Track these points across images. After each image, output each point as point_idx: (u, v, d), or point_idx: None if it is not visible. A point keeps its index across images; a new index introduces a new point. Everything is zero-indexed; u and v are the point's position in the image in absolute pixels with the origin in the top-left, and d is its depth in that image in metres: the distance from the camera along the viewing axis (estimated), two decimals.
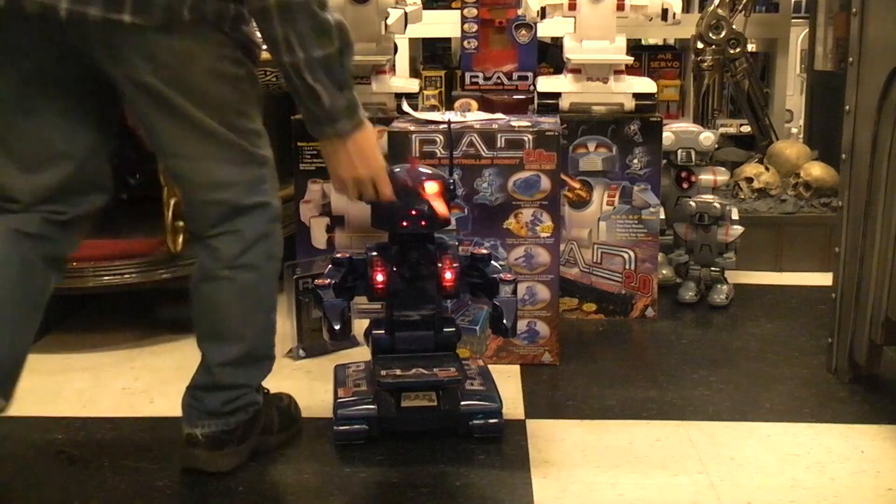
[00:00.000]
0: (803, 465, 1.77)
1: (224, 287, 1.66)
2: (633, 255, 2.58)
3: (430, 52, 4.21)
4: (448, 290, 1.83)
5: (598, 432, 1.91)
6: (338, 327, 1.80)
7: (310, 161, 2.55)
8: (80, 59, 1.54)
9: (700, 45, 3.34)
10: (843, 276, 2.11)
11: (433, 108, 3.44)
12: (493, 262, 1.87)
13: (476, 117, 2.33)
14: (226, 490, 1.68)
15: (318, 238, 2.60)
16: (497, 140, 2.18)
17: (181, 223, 2.28)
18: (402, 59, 3.57)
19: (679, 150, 2.77)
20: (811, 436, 1.89)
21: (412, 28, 2.84)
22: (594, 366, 2.27)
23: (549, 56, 3.65)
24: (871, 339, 2.04)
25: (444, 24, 3.56)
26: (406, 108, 2.53)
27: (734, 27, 3.33)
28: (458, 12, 2.88)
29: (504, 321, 1.82)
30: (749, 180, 3.17)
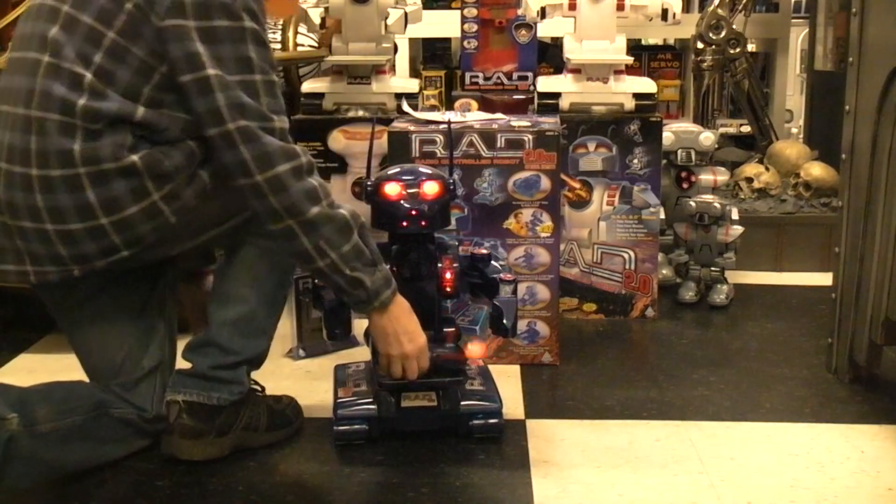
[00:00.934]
0: (803, 465, 1.77)
1: (246, 249, 1.73)
2: (633, 255, 2.58)
3: (430, 52, 4.21)
4: (448, 290, 1.83)
5: (598, 432, 1.91)
6: (338, 328, 1.81)
7: None
8: None
9: (700, 45, 3.35)
10: (842, 276, 2.11)
11: (433, 108, 3.44)
12: (493, 262, 1.87)
13: (476, 117, 2.33)
14: (226, 490, 1.68)
15: None
16: (497, 140, 2.18)
17: None
18: (402, 59, 3.57)
19: (679, 150, 2.77)
20: (811, 436, 1.89)
21: (412, 28, 2.84)
22: (594, 366, 2.27)
23: (549, 56, 3.65)
24: (871, 339, 2.04)
25: (444, 24, 3.56)
26: (406, 108, 2.53)
27: (734, 27, 3.33)
28: (458, 12, 2.88)
29: (504, 321, 1.83)
30: (749, 180, 3.17)
